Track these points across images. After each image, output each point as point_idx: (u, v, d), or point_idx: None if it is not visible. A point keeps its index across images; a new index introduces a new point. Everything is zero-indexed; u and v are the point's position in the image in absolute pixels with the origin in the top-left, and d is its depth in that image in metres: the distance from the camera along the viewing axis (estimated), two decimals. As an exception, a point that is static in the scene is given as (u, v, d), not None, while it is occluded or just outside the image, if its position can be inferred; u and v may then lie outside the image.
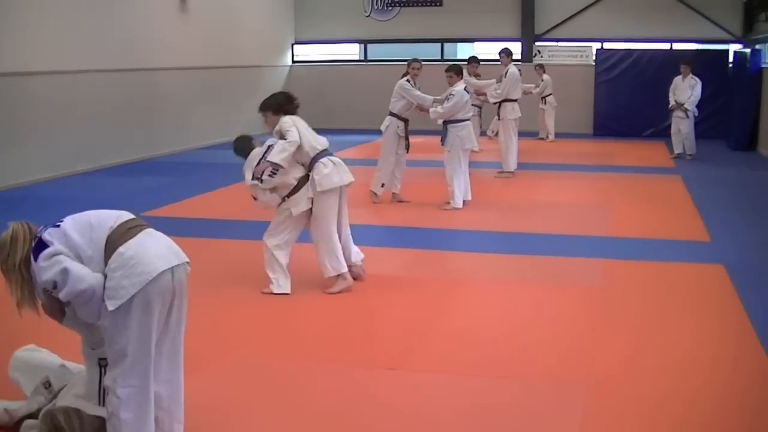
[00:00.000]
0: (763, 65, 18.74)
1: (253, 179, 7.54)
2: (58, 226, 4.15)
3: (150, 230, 4.27)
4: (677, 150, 17.65)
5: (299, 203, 7.61)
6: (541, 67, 21.10)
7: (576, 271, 8.52)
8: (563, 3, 23.42)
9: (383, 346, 6.35)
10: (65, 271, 3.97)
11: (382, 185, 12.36)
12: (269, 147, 7.56)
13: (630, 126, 22.18)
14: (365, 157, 16.99)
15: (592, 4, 23.14)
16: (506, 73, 15.02)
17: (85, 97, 15.64)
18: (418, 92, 12.07)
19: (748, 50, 19.41)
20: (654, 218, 11.32)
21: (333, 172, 7.59)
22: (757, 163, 17.04)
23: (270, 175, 7.47)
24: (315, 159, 7.61)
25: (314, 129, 7.86)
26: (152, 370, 4.13)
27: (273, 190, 7.63)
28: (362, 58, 25.53)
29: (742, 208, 12.25)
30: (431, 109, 11.93)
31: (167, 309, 4.19)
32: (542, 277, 8.31)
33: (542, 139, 21.32)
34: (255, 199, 7.76)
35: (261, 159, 7.51)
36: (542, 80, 20.90)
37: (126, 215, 4.28)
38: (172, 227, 10.45)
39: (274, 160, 7.42)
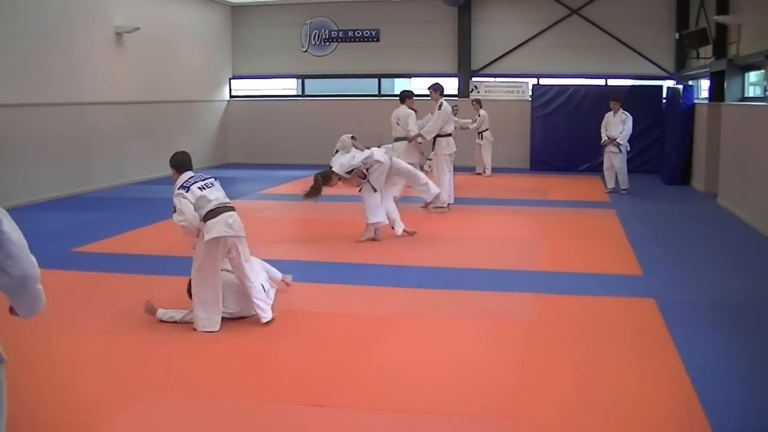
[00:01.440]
0: (696, 101, 19.05)
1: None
2: None
3: None
4: (610, 185, 17.83)
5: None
6: (478, 103, 21.27)
7: (507, 306, 8.49)
8: (500, 39, 23.68)
9: (311, 382, 6.22)
10: None
11: None
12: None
13: (566, 161, 22.45)
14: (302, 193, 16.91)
15: (528, 40, 23.45)
16: (439, 107, 15.03)
17: (19, 130, 15.43)
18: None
19: (680, 86, 19.73)
20: (587, 252, 11.36)
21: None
22: (691, 197, 17.25)
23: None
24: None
25: (250, 164, 7.87)
26: None
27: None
28: (300, 93, 25.55)
29: (675, 241, 12.34)
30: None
31: None
32: (473, 313, 8.26)
33: (479, 174, 21.42)
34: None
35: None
36: (479, 115, 21.05)
37: None
38: (102, 263, 10.38)
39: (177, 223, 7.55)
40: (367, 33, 24.35)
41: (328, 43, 24.73)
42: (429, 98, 15.35)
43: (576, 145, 22.16)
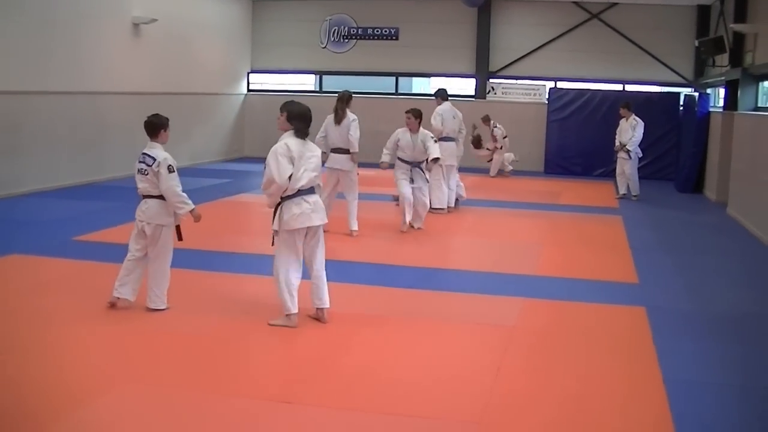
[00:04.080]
0: (711, 109, 18.94)
1: None
2: None
3: None
4: (622, 191, 17.75)
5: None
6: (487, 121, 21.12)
7: (493, 309, 8.46)
8: (518, 41, 23.61)
9: (281, 379, 6.24)
10: None
11: None
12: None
13: (581, 165, 22.37)
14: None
15: (547, 43, 23.36)
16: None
17: (33, 118, 15.53)
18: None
19: (696, 94, 19.62)
20: (585, 258, 11.32)
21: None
22: (702, 206, 17.15)
23: None
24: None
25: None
26: None
27: None
28: (317, 88, 25.54)
29: (677, 250, 12.25)
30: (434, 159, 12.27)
31: None
32: (458, 315, 8.25)
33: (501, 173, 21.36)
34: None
35: None
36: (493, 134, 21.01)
37: None
38: (100, 252, 10.42)
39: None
40: (386, 31, 24.32)
41: (346, 40, 24.74)
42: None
43: (591, 150, 22.08)
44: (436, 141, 12.26)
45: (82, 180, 17.09)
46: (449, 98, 15.07)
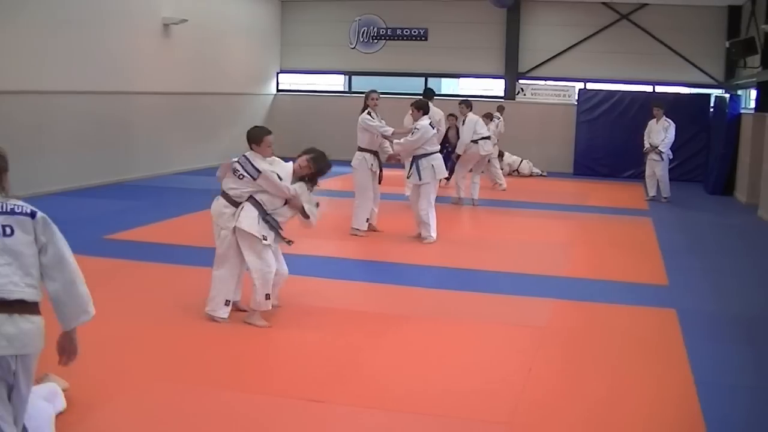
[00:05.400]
0: (742, 110, 18.80)
1: None
2: None
3: None
4: (651, 192, 17.63)
5: None
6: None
7: (524, 310, 8.45)
8: (547, 42, 23.52)
9: (312, 378, 6.25)
10: None
11: (367, 220, 12.31)
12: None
13: (610, 167, 22.24)
14: (344, 189, 16.95)
15: (576, 44, 23.26)
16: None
17: (63, 117, 15.62)
18: (378, 123, 12.12)
19: (727, 95, 19.48)
20: (615, 260, 11.26)
21: None
22: (732, 209, 17.01)
23: None
24: None
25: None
26: None
27: None
28: (346, 89, 25.57)
29: (708, 252, 12.17)
30: (395, 142, 11.92)
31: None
32: (488, 315, 8.24)
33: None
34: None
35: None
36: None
37: None
38: (131, 251, 10.48)
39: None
40: (415, 32, 24.32)
41: (375, 41, 24.76)
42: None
43: (620, 151, 21.90)
44: (412, 134, 11.94)
45: (111, 179, 17.17)
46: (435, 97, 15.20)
